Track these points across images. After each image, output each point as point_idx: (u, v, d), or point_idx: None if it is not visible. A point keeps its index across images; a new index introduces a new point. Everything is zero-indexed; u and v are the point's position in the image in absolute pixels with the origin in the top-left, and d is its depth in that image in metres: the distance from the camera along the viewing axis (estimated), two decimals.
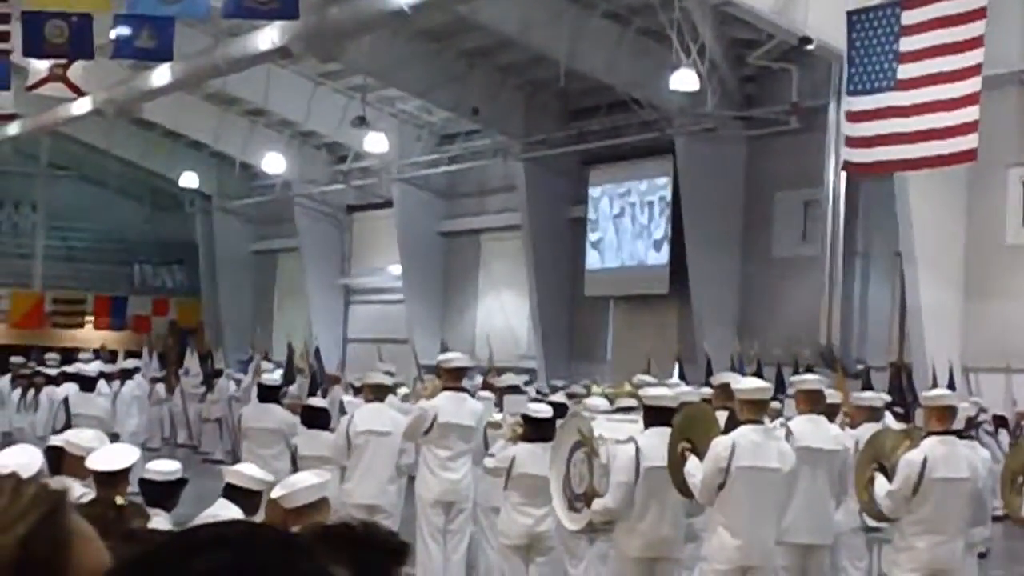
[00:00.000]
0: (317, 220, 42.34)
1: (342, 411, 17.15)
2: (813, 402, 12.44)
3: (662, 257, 30.55)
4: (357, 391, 19.57)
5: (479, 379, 22.18)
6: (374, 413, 14.76)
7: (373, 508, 13.82)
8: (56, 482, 4.52)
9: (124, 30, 20.13)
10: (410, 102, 35.69)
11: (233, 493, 8.92)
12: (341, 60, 30.35)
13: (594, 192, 32.60)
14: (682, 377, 24.10)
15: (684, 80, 26.06)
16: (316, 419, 15.75)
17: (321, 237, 42.39)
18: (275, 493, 8.19)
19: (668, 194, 30.28)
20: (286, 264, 45.40)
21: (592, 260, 32.67)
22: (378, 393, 15.16)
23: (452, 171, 36.64)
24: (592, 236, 32.62)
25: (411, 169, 37.18)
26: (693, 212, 29.01)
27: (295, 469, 14.40)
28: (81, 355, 31.49)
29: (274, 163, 39.29)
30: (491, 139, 34.39)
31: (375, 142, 34.54)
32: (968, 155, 20.09)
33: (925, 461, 10.86)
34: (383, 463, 14.48)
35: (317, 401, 17.42)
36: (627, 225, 31.67)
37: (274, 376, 18.64)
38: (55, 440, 10.39)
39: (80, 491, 8.14)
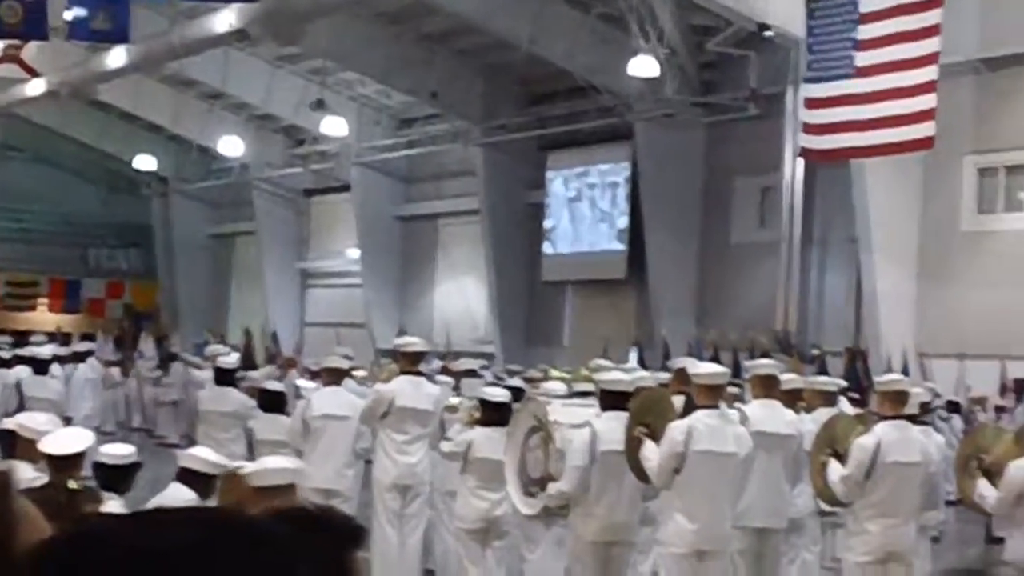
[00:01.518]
0: (275, 203, 42.21)
1: (297, 395, 17.09)
2: (768, 387, 12.47)
3: (620, 243, 30.59)
4: (314, 375, 19.52)
5: (436, 363, 22.14)
6: (331, 397, 14.70)
7: (330, 492, 13.77)
8: (7, 465, 4.50)
9: (79, 11, 20.06)
10: (369, 86, 35.61)
11: (188, 477, 8.88)
12: (300, 43, 30.23)
13: (551, 177, 32.61)
14: (640, 362, 24.13)
15: (643, 66, 26.10)
16: (273, 403, 15.70)
17: (279, 220, 42.27)
18: (246, 470, 8.18)
19: (626, 180, 30.31)
20: (243, 247, 45.25)
21: (547, 245, 32.70)
22: (335, 377, 15.10)
23: (411, 155, 36.61)
24: (547, 223, 32.65)
25: (369, 153, 37.10)
26: (651, 198, 29.05)
27: (251, 453, 14.38)
28: (34, 338, 31.25)
29: (232, 146, 39.16)
30: (450, 123, 34.33)
31: (333, 126, 34.46)
32: (925, 143, 20.20)
33: (878, 446, 10.92)
34: (340, 447, 14.43)
35: (274, 385, 17.36)
36: (585, 211, 31.70)
37: (231, 359, 18.52)
38: (7, 423, 10.31)
39: (33, 475, 8.08)
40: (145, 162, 43.17)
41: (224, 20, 26.44)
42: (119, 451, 8.93)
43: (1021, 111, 23.42)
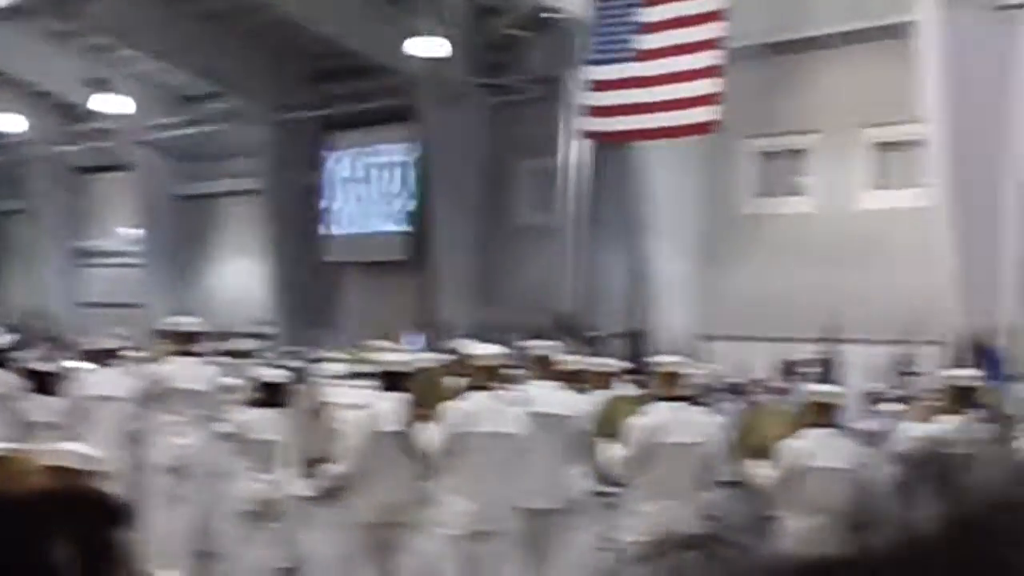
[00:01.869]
0: (51, 182, 41.33)
1: (69, 376, 16.68)
2: (547, 368, 12.50)
3: (404, 224, 30.51)
4: (87, 355, 19.09)
5: (214, 343, 21.81)
6: (105, 377, 14.46)
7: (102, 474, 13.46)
8: None
9: None
10: (150, 63, 34.91)
11: None
12: (79, 19, 29.52)
13: (330, 158, 32.43)
14: (426, 344, 24.04)
15: (429, 46, 26.00)
16: (45, 384, 15.34)
17: (55, 199, 41.41)
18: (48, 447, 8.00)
19: (411, 160, 30.24)
20: (18, 226, 44.17)
21: (329, 227, 32.53)
22: (109, 357, 14.85)
23: (192, 134, 36.03)
24: (325, 203, 32.50)
25: (150, 131, 36.46)
26: (436, 179, 29.01)
27: (21, 434, 13.98)
28: None
29: (8, 123, 38.20)
30: (233, 103, 33.88)
31: (113, 103, 33.78)
32: (708, 126, 20.45)
33: (653, 425, 10.99)
34: (113, 428, 14.14)
35: (46, 365, 16.92)
36: (367, 191, 31.56)
37: (2, 340, 18.02)
38: None
39: None
40: None
41: None
42: None
43: (803, 95, 23.81)
